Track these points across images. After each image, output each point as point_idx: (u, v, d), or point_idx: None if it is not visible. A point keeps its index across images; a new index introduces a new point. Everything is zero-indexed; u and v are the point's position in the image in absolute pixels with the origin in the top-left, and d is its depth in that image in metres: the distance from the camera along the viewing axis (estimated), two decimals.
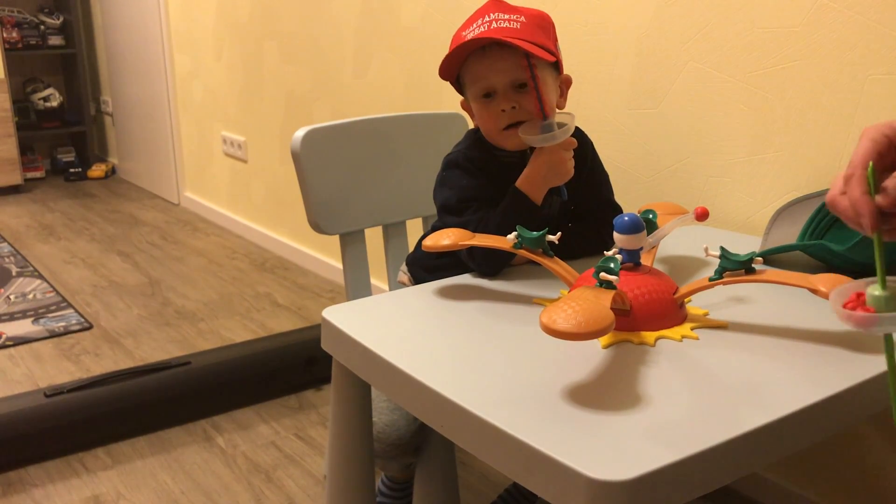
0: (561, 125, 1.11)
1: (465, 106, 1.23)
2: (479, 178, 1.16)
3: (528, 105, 1.13)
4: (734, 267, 0.91)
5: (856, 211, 0.68)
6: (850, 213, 0.69)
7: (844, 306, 0.68)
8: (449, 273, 1.15)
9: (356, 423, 1.04)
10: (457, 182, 1.17)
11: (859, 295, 0.68)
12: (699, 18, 1.49)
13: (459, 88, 1.22)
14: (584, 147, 1.23)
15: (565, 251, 1.08)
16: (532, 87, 1.09)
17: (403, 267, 1.33)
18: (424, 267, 1.26)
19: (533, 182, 1.12)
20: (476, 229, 1.11)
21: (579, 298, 0.81)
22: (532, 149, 1.15)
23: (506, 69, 1.12)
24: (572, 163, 1.13)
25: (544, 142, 1.10)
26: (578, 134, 1.22)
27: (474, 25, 1.14)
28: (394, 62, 2.34)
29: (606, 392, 0.79)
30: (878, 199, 0.67)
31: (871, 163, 0.68)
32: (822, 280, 0.89)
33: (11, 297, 2.73)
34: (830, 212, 0.72)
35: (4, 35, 4.23)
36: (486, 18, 1.13)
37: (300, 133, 1.35)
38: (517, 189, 1.12)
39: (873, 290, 0.66)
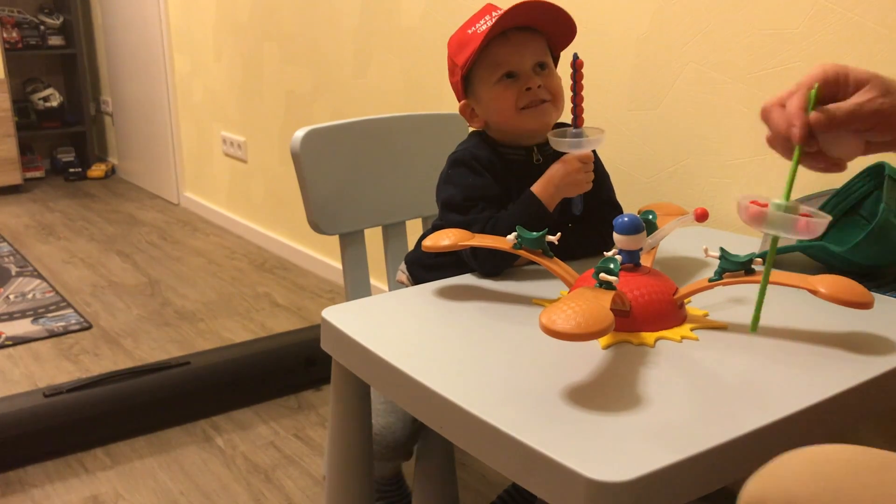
0: (588, 137, 1.11)
1: (465, 109, 1.22)
2: (485, 177, 1.16)
3: (550, 85, 1.14)
4: (734, 268, 0.91)
5: (788, 122, 0.74)
6: (780, 122, 0.76)
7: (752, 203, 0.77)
8: (449, 272, 1.15)
9: (355, 424, 1.04)
10: (462, 180, 1.17)
11: (764, 205, 0.77)
12: (699, 20, 1.49)
13: (464, 87, 1.21)
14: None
15: (566, 252, 1.08)
16: (579, 91, 1.09)
17: (402, 266, 1.33)
18: (424, 265, 1.26)
19: (547, 189, 1.12)
20: (484, 229, 1.11)
21: (579, 299, 0.81)
22: (540, 146, 1.17)
23: (530, 52, 1.13)
24: (591, 176, 1.13)
25: (570, 147, 1.09)
26: None
27: (481, 21, 1.14)
28: (394, 62, 2.35)
29: (606, 393, 0.79)
30: (813, 115, 0.75)
31: (816, 84, 0.76)
32: (822, 281, 0.88)
33: (11, 296, 2.73)
34: (761, 119, 0.77)
35: (4, 35, 4.23)
36: (494, 13, 1.13)
37: (300, 133, 1.34)
38: (533, 194, 1.12)
39: (776, 199, 0.75)
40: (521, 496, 1.53)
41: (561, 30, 1.18)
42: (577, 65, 1.08)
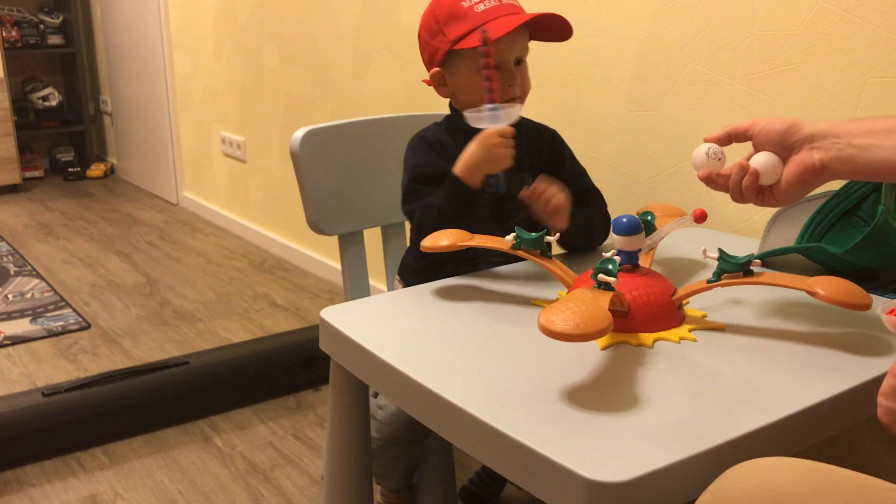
0: (505, 111, 1.11)
1: (436, 76, 1.22)
2: (430, 155, 1.19)
3: (523, 82, 1.19)
4: (732, 269, 0.91)
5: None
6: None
7: (889, 313, 0.75)
8: (432, 275, 1.14)
9: (354, 424, 1.04)
10: (411, 160, 1.21)
11: None
12: (699, 20, 1.49)
13: (440, 61, 1.20)
14: (558, 146, 1.28)
15: (566, 243, 1.10)
16: (491, 66, 1.08)
17: (397, 277, 1.34)
18: (411, 271, 1.27)
19: (468, 166, 1.11)
20: (422, 217, 1.14)
21: (577, 300, 0.81)
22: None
23: (518, 48, 1.17)
24: (510, 152, 1.10)
25: (489, 122, 1.09)
26: (548, 132, 1.27)
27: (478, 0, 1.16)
28: (393, 63, 2.35)
29: (604, 393, 0.79)
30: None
31: None
32: (821, 282, 0.89)
33: (10, 296, 2.73)
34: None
35: (4, 34, 4.23)
36: None
37: (299, 133, 1.35)
38: (453, 174, 1.12)
39: None
40: (490, 478, 1.54)
41: (556, 29, 1.20)
42: (486, 41, 1.07)
